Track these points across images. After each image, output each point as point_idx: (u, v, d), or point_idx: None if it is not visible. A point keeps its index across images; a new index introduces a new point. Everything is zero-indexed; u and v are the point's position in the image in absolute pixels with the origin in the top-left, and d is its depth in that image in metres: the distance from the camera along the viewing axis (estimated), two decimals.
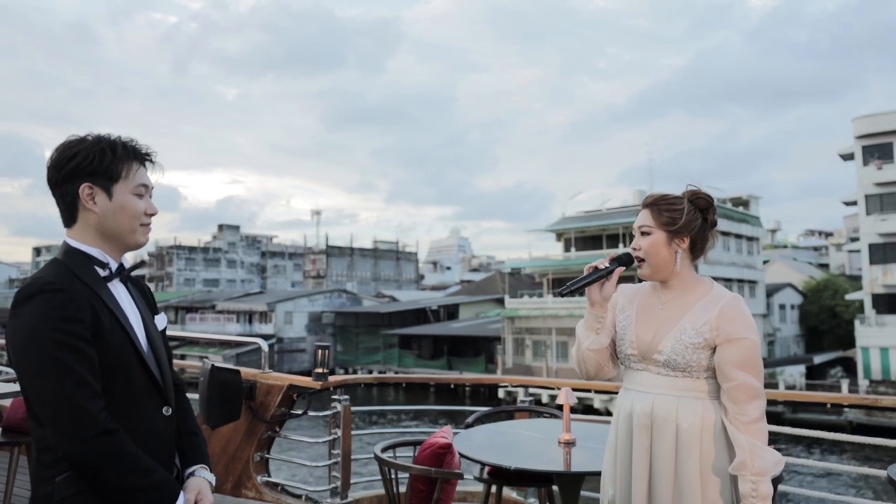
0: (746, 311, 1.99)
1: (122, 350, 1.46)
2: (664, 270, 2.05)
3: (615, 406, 2.14)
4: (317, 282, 61.30)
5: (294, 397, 4.11)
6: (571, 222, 38.67)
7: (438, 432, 2.90)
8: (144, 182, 1.57)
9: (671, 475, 1.94)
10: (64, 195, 1.51)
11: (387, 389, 35.81)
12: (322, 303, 47.62)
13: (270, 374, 4.12)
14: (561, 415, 3.67)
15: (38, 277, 1.43)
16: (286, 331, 44.90)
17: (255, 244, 69.52)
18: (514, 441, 3.16)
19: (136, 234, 1.56)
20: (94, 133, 1.54)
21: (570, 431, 2.96)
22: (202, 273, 64.32)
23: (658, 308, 2.07)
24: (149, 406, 1.51)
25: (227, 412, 3.65)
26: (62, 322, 1.37)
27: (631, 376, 2.09)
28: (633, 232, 2.10)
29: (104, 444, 1.37)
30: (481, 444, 3.02)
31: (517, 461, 2.66)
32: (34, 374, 1.37)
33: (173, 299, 52.86)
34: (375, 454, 2.79)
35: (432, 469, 2.58)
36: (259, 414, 4.02)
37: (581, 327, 2.13)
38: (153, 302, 1.70)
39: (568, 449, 2.87)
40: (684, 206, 2.03)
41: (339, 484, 4.01)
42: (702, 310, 1.98)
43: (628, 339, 2.08)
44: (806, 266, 56.43)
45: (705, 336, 1.95)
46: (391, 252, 67.01)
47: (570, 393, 3.06)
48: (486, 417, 3.79)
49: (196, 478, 1.61)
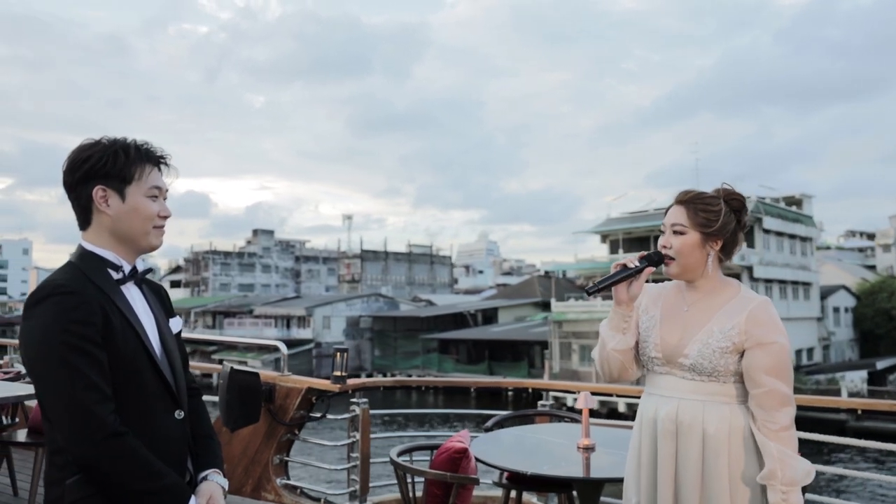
0: (776, 314, 1.92)
1: (134, 353, 1.46)
2: (694, 272, 1.97)
3: (638, 411, 2.07)
4: (351, 286, 61.23)
5: (313, 400, 4.11)
6: (617, 223, 38.04)
7: (456, 436, 2.86)
8: (158, 184, 1.56)
9: (698, 482, 1.87)
10: (78, 198, 1.52)
11: (427, 394, 35.57)
12: (359, 307, 47.42)
13: (289, 376, 4.12)
14: (581, 419, 3.67)
15: (49, 280, 1.43)
16: (324, 335, 44.53)
17: (288, 249, 69.70)
18: (533, 445, 3.11)
19: (149, 237, 1.55)
20: (109, 136, 1.54)
21: (589, 436, 2.89)
22: (237, 278, 64.72)
23: (683, 310, 1.99)
24: (161, 409, 1.50)
25: (246, 415, 3.67)
26: (72, 325, 1.37)
27: (654, 380, 2.02)
28: (663, 228, 2.02)
29: (113, 446, 1.36)
30: (499, 448, 2.97)
31: (535, 466, 2.61)
32: (44, 377, 1.38)
33: (210, 304, 53.15)
34: (391, 458, 2.76)
35: (448, 474, 2.55)
36: (278, 417, 4.02)
37: (605, 327, 2.06)
38: (169, 305, 1.69)
39: (587, 454, 2.82)
40: (721, 207, 1.95)
41: (358, 487, 3.99)
42: (730, 313, 1.92)
43: (652, 342, 2.01)
44: (856, 268, 54.40)
45: (734, 340, 1.88)
46: (425, 256, 66.71)
47: (589, 397, 2.98)
48: (506, 421, 3.75)
49: (208, 482, 1.59)
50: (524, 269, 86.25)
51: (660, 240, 2.01)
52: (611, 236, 37.58)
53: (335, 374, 4.03)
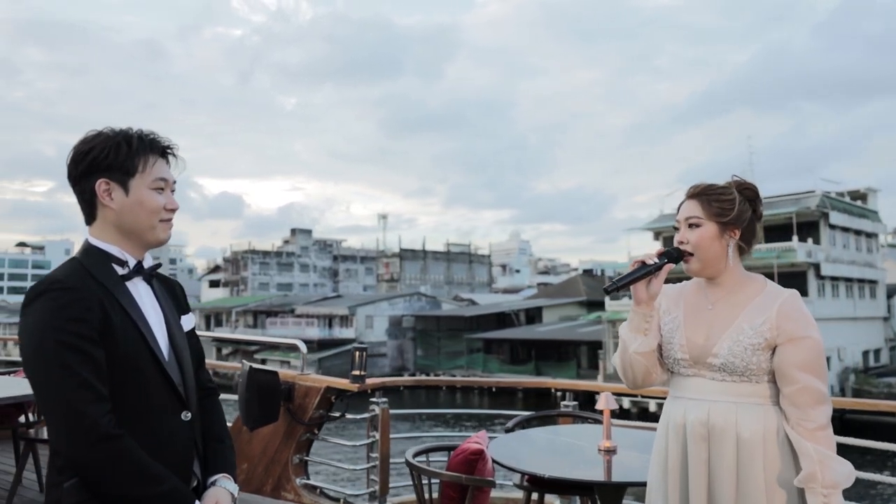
0: (806, 308, 1.84)
1: (136, 351, 1.41)
2: (715, 265, 1.89)
3: (663, 415, 1.99)
4: (390, 285, 61.21)
5: (332, 399, 4.08)
6: (670, 220, 36.82)
7: (473, 437, 2.80)
8: (163, 176, 1.51)
9: (733, 488, 1.78)
10: (82, 192, 1.47)
11: (471, 395, 35.06)
12: (402, 306, 46.64)
13: (308, 375, 4.10)
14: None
15: (47, 277, 1.40)
16: (367, 335, 43.76)
17: (326, 248, 69.68)
18: (553, 447, 3.05)
19: (155, 231, 1.50)
20: (113, 127, 1.50)
21: (610, 438, 2.82)
22: (276, 277, 64.64)
23: (707, 308, 1.91)
24: (165, 410, 1.45)
25: (265, 414, 3.65)
26: (66, 322, 1.33)
27: (680, 383, 1.93)
28: (677, 225, 1.95)
29: (105, 450, 1.31)
30: (518, 450, 2.91)
31: (554, 469, 2.54)
32: (38, 376, 1.34)
33: (251, 304, 52.91)
34: (407, 459, 2.72)
35: (463, 476, 2.49)
36: (297, 416, 4.01)
37: (626, 330, 1.97)
38: (184, 301, 1.64)
39: (608, 457, 2.74)
40: (735, 195, 1.90)
41: (378, 488, 3.96)
42: (758, 308, 1.83)
43: (677, 343, 1.92)
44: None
45: (766, 336, 1.80)
46: (464, 255, 66.20)
47: (610, 398, 2.91)
48: (530, 422, 3.68)
49: (216, 487, 1.52)
50: (559, 269, 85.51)
51: (676, 237, 1.94)
52: (664, 233, 36.50)
53: (354, 373, 4.00)
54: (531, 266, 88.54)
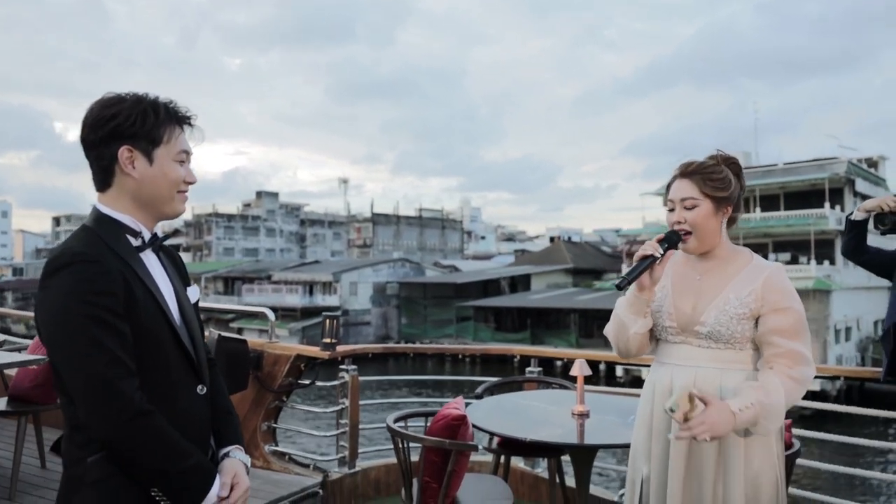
0: (789, 282, 1.93)
1: (156, 325, 1.38)
2: (711, 242, 1.97)
3: (648, 380, 2.07)
4: (362, 251, 58.53)
5: (302, 367, 4.06)
6: None
7: (451, 403, 2.83)
8: (185, 148, 1.47)
9: (714, 449, 1.88)
10: (100, 157, 1.41)
11: (461, 363, 34.39)
12: (385, 273, 43.66)
13: (277, 343, 4.07)
14: (570, 386, 3.70)
15: (67, 247, 1.34)
16: (351, 302, 41.26)
17: (293, 212, 66.54)
18: (527, 412, 3.12)
19: (174, 203, 1.46)
20: (132, 92, 1.43)
21: (583, 403, 2.91)
22: (241, 242, 61.35)
23: (696, 279, 1.99)
24: (183, 384, 1.44)
25: (234, 382, 3.61)
26: (93, 296, 1.28)
27: (667, 350, 2.02)
28: (672, 205, 1.99)
29: (140, 426, 1.29)
30: (493, 414, 2.97)
31: (531, 433, 2.62)
32: (65, 352, 1.29)
33: (221, 269, 50.29)
34: (388, 425, 2.75)
35: (447, 441, 2.54)
36: (266, 384, 3.99)
37: (625, 310, 2.03)
38: (185, 273, 1.61)
39: (582, 420, 2.83)
40: (726, 172, 1.96)
41: (347, 454, 3.99)
42: (745, 280, 1.92)
43: (666, 311, 2.00)
44: None
45: (750, 306, 1.89)
46: (436, 220, 63.06)
47: (584, 364, 3.00)
48: (496, 388, 3.75)
49: (231, 459, 1.52)
50: (517, 236, 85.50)
51: (670, 217, 1.98)
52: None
53: (325, 341, 3.97)
54: (495, 233, 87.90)
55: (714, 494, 1.87)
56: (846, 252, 3.14)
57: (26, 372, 3.63)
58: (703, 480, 1.89)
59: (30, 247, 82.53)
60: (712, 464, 1.88)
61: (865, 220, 3.04)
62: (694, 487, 1.90)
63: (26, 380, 3.61)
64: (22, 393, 3.60)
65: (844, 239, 3.11)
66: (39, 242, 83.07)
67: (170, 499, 1.34)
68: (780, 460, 1.93)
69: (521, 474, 4.11)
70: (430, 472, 2.60)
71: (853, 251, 3.08)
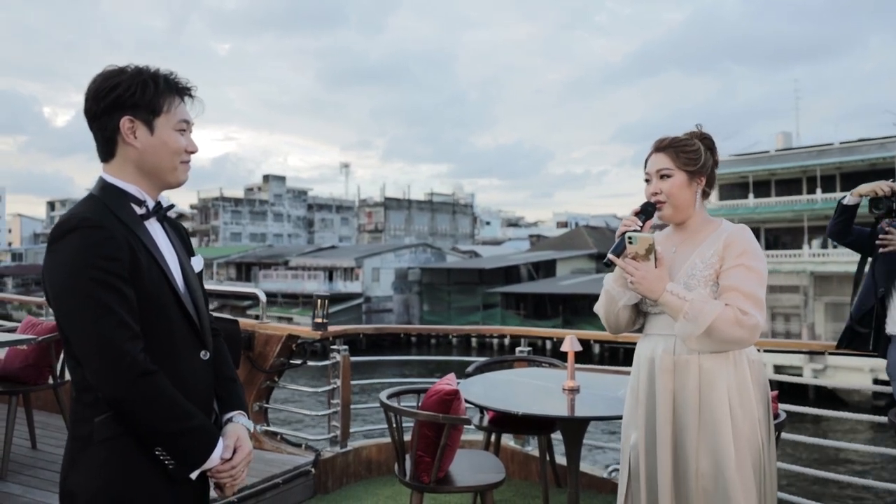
0: (752, 239, 1.99)
1: (160, 291, 1.42)
2: (685, 211, 2.06)
3: (635, 353, 2.13)
4: (373, 236, 57.29)
5: (293, 347, 4.06)
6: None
7: (444, 380, 2.85)
8: (186, 118, 1.50)
9: (696, 413, 1.93)
10: (102, 128, 1.44)
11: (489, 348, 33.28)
12: (407, 258, 42.26)
13: (269, 324, 4.07)
14: (559, 364, 3.74)
15: (74, 213, 1.37)
16: (373, 289, 39.95)
17: (300, 197, 65.20)
18: (518, 388, 3.14)
19: (176, 172, 1.50)
20: (133, 64, 1.47)
21: (574, 379, 2.94)
22: (249, 227, 60.12)
23: (672, 251, 2.07)
24: (187, 349, 1.47)
25: None
26: (100, 260, 1.32)
27: (651, 322, 2.09)
28: (648, 177, 2.08)
29: (144, 386, 1.32)
30: (484, 392, 2.99)
31: (523, 407, 2.66)
32: (72, 314, 1.33)
33: (234, 255, 48.99)
34: (381, 401, 2.77)
35: (440, 415, 2.57)
36: (257, 364, 3.99)
37: (613, 284, 2.12)
38: (189, 243, 1.64)
39: (572, 396, 2.87)
40: (699, 145, 2.06)
41: (339, 433, 3.99)
42: (710, 243, 2.00)
43: None
44: None
45: (714, 267, 1.96)
46: (447, 205, 61.68)
47: (574, 341, 3.04)
48: (486, 367, 3.76)
49: (234, 424, 1.56)
50: (521, 223, 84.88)
51: (647, 189, 2.08)
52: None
53: (316, 321, 3.96)
54: (499, 219, 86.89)
55: (698, 457, 1.91)
56: (832, 234, 3.21)
57: (16, 352, 3.62)
58: (686, 443, 1.93)
59: (27, 232, 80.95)
60: (695, 427, 1.93)
61: (856, 205, 3.10)
62: (678, 452, 1.95)
63: (17, 360, 3.61)
64: (12, 373, 3.59)
65: (832, 221, 3.18)
66: (38, 227, 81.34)
67: (174, 459, 1.37)
68: (763, 426, 1.96)
69: (511, 452, 4.14)
70: (423, 446, 2.63)
71: (839, 233, 3.16)
